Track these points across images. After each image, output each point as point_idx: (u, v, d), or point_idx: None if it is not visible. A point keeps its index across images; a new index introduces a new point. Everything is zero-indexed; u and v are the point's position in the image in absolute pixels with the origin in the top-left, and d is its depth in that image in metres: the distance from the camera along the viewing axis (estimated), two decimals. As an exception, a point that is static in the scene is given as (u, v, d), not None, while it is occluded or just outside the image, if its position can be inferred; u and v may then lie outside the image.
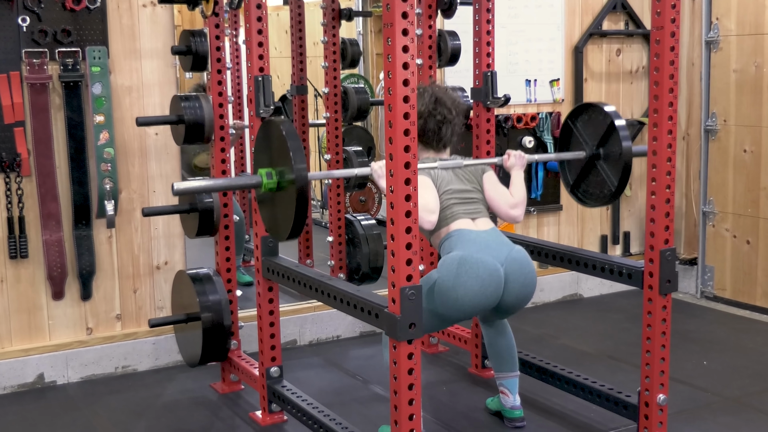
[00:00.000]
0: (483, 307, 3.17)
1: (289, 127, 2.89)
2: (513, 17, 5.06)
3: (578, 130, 3.62)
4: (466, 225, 3.25)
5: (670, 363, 4.14)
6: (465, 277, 3.08)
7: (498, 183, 3.44)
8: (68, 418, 3.69)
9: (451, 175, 3.33)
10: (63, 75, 3.92)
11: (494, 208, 3.39)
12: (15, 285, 3.99)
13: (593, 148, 3.55)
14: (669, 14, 3.00)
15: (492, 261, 3.13)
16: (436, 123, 3.34)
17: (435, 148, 3.39)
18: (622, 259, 3.38)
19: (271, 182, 2.94)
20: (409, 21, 2.54)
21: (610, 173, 3.49)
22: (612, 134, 3.46)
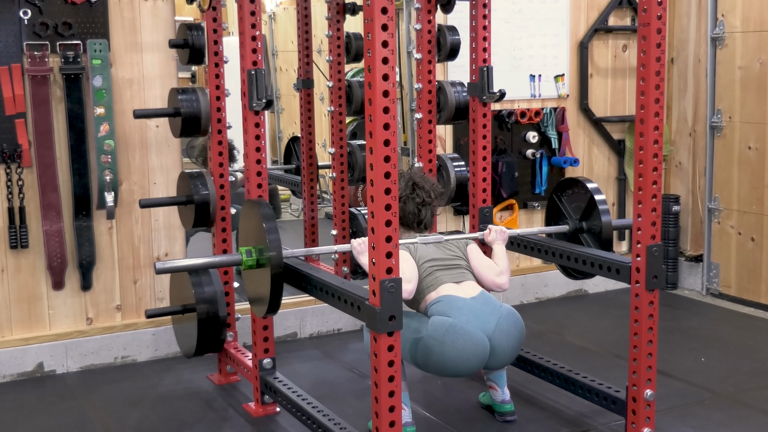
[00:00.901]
0: (464, 373, 3.29)
1: (266, 210, 3.11)
2: (517, 12, 5.05)
3: (563, 204, 3.76)
4: (453, 290, 3.28)
5: (667, 359, 4.17)
6: (450, 347, 3.15)
7: (482, 254, 3.51)
8: (64, 407, 3.74)
9: (432, 249, 3.39)
10: (64, 67, 3.96)
11: (480, 278, 3.44)
12: (15, 275, 4.04)
13: (576, 221, 3.68)
14: (655, 11, 3.00)
15: (479, 335, 3.18)
16: (415, 205, 3.43)
17: (416, 230, 3.47)
18: (610, 255, 3.38)
19: (251, 260, 3.15)
20: (388, 16, 2.56)
21: (592, 246, 3.60)
22: (593, 209, 3.59)
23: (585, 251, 3.45)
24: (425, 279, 3.29)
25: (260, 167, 3.54)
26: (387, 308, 2.65)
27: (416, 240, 3.39)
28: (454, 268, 3.36)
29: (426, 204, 3.47)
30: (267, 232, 3.05)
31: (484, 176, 4.00)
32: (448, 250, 3.42)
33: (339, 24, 5.04)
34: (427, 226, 3.50)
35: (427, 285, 3.29)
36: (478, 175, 3.98)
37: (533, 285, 5.28)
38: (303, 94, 5.35)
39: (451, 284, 3.30)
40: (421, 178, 3.53)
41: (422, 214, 3.46)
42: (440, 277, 3.31)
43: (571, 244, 3.61)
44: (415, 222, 3.46)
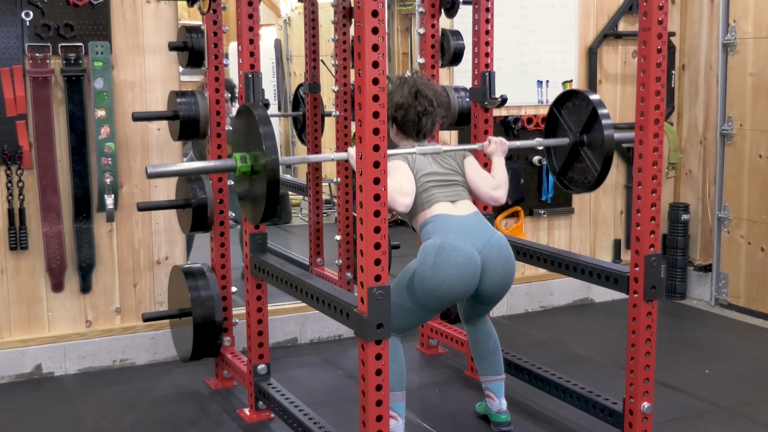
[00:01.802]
0: (461, 294, 3.16)
1: (261, 113, 2.92)
2: (524, 17, 5.01)
3: (563, 117, 3.61)
4: (446, 209, 3.22)
5: (671, 370, 4.11)
6: (443, 266, 3.08)
7: (479, 167, 3.41)
8: (59, 409, 3.73)
9: (430, 161, 3.29)
10: (65, 69, 3.96)
11: (476, 191, 3.35)
12: (15, 276, 4.04)
13: (577, 135, 3.53)
14: (656, 15, 2.95)
15: (469, 248, 3.11)
16: (416, 114, 3.32)
17: (415, 138, 3.36)
18: (609, 264, 3.32)
19: (245, 166, 2.96)
20: (379, 19, 2.52)
21: (593, 160, 3.47)
22: (595, 122, 3.44)
23: (583, 260, 3.40)
24: (421, 195, 3.22)
25: (257, 171, 3.52)
26: (375, 316, 2.61)
27: (414, 150, 3.28)
28: (450, 185, 3.27)
29: (427, 113, 3.34)
30: (264, 137, 2.84)
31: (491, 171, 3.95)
32: (446, 164, 3.31)
33: (345, 28, 5.02)
34: (426, 135, 3.38)
35: (422, 202, 3.22)
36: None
37: (538, 293, 5.23)
38: (309, 98, 5.33)
39: (446, 203, 3.23)
40: (425, 85, 3.38)
41: (422, 123, 3.34)
42: (436, 194, 3.23)
43: (571, 254, 3.56)
44: (415, 131, 3.35)
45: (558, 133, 3.65)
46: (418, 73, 3.55)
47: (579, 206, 5.30)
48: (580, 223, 5.34)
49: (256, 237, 3.52)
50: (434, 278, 3.08)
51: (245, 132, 3.00)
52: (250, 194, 3.05)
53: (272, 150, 2.84)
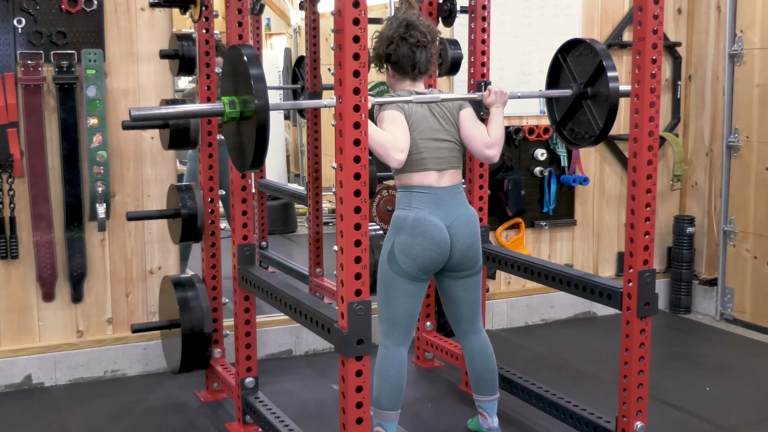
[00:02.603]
0: (438, 259, 3.16)
1: (251, 53, 2.75)
2: (527, 27, 4.94)
3: (568, 66, 3.49)
4: (431, 180, 3.17)
5: (670, 387, 4.03)
6: (420, 235, 3.11)
7: (475, 120, 3.29)
8: (45, 421, 3.69)
9: (427, 112, 3.18)
10: (57, 77, 3.92)
11: (469, 146, 3.26)
12: (5, 285, 4.00)
13: (581, 86, 3.42)
14: (651, 25, 2.87)
15: (438, 222, 3.13)
16: (409, 47, 3.17)
17: (410, 76, 3.22)
18: (603, 279, 3.25)
19: (234, 111, 2.79)
20: (360, 28, 2.47)
21: (596, 114, 3.36)
22: (600, 74, 3.31)
23: (576, 275, 3.32)
24: (412, 156, 3.13)
25: (244, 182, 3.47)
26: (355, 331, 2.55)
27: (411, 98, 3.15)
28: (441, 148, 3.18)
29: (421, 45, 3.18)
30: (253, 79, 2.67)
31: (480, 194, 3.89)
32: (442, 118, 3.20)
33: (345, 36, 4.96)
34: (422, 71, 3.23)
35: (412, 163, 3.14)
36: (475, 194, 3.87)
37: (539, 306, 5.14)
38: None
39: (433, 173, 3.16)
40: (416, 18, 3.24)
41: (417, 57, 3.18)
42: (427, 160, 3.15)
43: (564, 267, 3.49)
44: (410, 66, 3.19)
45: (561, 83, 3.53)
46: (408, 10, 3.41)
47: (582, 218, 5.22)
48: (583, 236, 5.26)
49: (244, 248, 3.47)
50: (414, 245, 3.11)
51: (234, 75, 2.83)
52: (238, 141, 2.89)
53: (262, 92, 2.67)
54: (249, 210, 3.51)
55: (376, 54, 3.25)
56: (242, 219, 3.47)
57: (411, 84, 3.24)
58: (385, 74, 3.33)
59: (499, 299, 5.03)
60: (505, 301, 5.06)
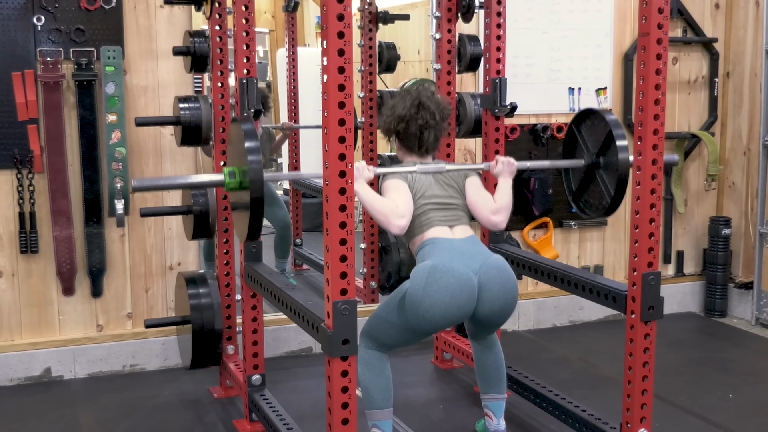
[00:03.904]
0: (456, 318, 2.99)
1: (248, 128, 2.83)
2: (555, 23, 4.84)
3: (581, 136, 3.42)
4: (442, 233, 3.09)
5: (691, 393, 3.92)
6: (434, 287, 2.91)
7: (481, 188, 3.26)
8: (58, 414, 3.73)
9: (431, 180, 3.18)
10: (76, 74, 3.97)
11: (475, 213, 3.21)
12: (26, 279, 4.06)
13: (593, 156, 3.34)
14: (656, 20, 2.79)
15: (464, 269, 2.95)
16: (417, 127, 3.20)
17: (417, 153, 3.25)
18: (607, 281, 3.15)
19: (233, 181, 2.88)
20: (345, 23, 2.43)
21: (608, 184, 3.27)
22: (610, 144, 3.24)
23: (581, 275, 3.24)
24: (419, 218, 3.11)
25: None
26: (340, 331, 2.52)
27: (415, 168, 3.16)
28: (448, 209, 3.14)
29: (429, 126, 3.21)
30: (248, 151, 2.77)
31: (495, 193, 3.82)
32: (447, 185, 3.19)
33: (371, 33, 4.96)
34: (429, 150, 3.25)
35: (419, 224, 3.11)
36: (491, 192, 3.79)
37: (567, 307, 5.05)
38: (339, 103, 5.26)
39: (443, 227, 3.11)
40: (428, 98, 3.25)
41: (424, 137, 3.21)
42: (433, 218, 3.11)
43: (570, 268, 3.41)
44: (416, 145, 3.22)
45: (576, 154, 3.48)
46: (423, 86, 3.45)
47: (613, 218, 5.10)
48: (614, 236, 5.14)
49: (250, 246, 3.46)
50: (425, 300, 2.92)
51: (235, 145, 2.93)
52: (239, 209, 2.98)
53: (256, 167, 2.75)
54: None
55: (386, 128, 3.30)
56: (249, 216, 3.46)
57: (418, 158, 3.26)
58: (394, 145, 3.35)
59: (525, 300, 4.95)
60: (532, 302, 4.98)
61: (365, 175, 3.04)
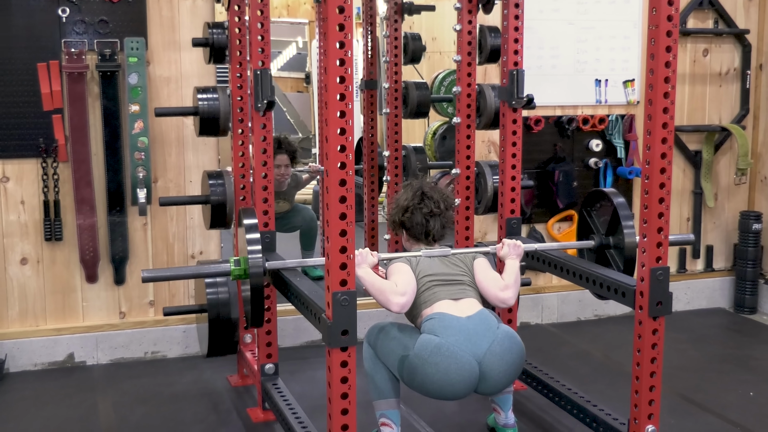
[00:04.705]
0: (450, 397, 2.98)
1: (250, 223, 3.07)
2: (582, 13, 4.79)
3: (592, 218, 3.50)
4: (448, 308, 3.03)
5: (710, 390, 3.87)
6: (434, 369, 2.89)
7: (489, 268, 3.22)
8: (77, 399, 3.80)
9: (437, 262, 3.17)
10: (100, 65, 4.03)
11: (484, 293, 3.17)
12: (50, 266, 4.14)
13: (603, 236, 3.40)
14: (665, 11, 2.75)
15: (468, 358, 2.90)
16: (422, 216, 3.23)
17: (425, 242, 3.26)
18: (617, 275, 3.11)
19: (239, 269, 3.07)
20: (345, 15, 2.43)
21: (620, 264, 3.29)
22: (618, 225, 3.30)
23: (590, 269, 3.21)
24: (423, 294, 3.08)
25: (266, 169, 3.49)
26: (339, 322, 2.53)
27: (420, 253, 3.19)
28: (454, 284, 3.12)
29: (434, 215, 3.25)
30: (248, 243, 3.01)
31: (512, 186, 3.79)
32: (453, 265, 3.18)
33: (397, 24, 4.95)
34: (436, 238, 3.28)
35: (423, 300, 3.08)
36: (507, 185, 3.78)
37: (593, 301, 5.00)
38: (366, 95, 5.28)
39: (448, 301, 3.07)
40: (431, 189, 3.32)
41: (430, 225, 3.25)
42: (438, 292, 3.09)
43: (580, 260, 3.38)
44: (423, 233, 3.25)
45: (590, 236, 3.53)
46: (423, 178, 3.49)
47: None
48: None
49: (264, 235, 3.48)
50: (424, 376, 2.91)
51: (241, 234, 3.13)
52: (245, 296, 3.14)
53: (255, 258, 2.98)
54: (270, 198, 3.52)
55: (392, 220, 3.34)
56: (263, 206, 3.49)
57: (426, 247, 3.26)
58: (402, 238, 3.37)
59: (549, 293, 4.92)
60: (555, 295, 4.94)
61: (369, 260, 3.03)
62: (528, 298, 4.84)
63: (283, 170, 5.41)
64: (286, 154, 5.46)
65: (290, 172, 5.56)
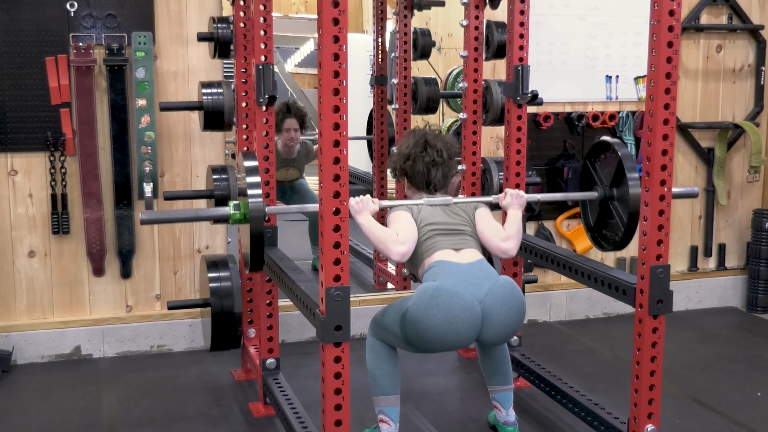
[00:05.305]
0: (454, 344, 2.98)
1: (251, 164, 3.01)
2: (593, 9, 4.75)
3: (595, 170, 3.39)
4: (448, 256, 3.04)
5: (717, 390, 3.84)
6: (435, 311, 2.88)
7: (491, 218, 3.22)
8: (82, 391, 3.82)
9: (438, 211, 3.15)
10: (108, 59, 4.04)
11: (485, 242, 3.16)
12: (58, 259, 4.16)
13: (606, 188, 3.30)
14: (667, 6, 2.73)
15: (468, 297, 2.91)
16: (424, 165, 3.21)
17: (426, 191, 3.24)
18: (618, 273, 3.08)
19: (238, 214, 3.04)
20: (340, 9, 2.42)
21: (623, 216, 3.22)
22: (623, 176, 3.19)
23: (590, 266, 3.18)
24: (424, 243, 3.07)
25: (268, 164, 3.49)
26: (333, 317, 2.53)
27: (422, 201, 3.15)
28: (455, 234, 3.11)
29: (436, 164, 3.20)
30: (248, 187, 2.93)
31: (517, 182, 3.77)
32: (455, 215, 3.16)
33: (406, 20, 4.94)
34: (437, 187, 3.24)
35: (425, 249, 3.07)
36: (511, 181, 3.75)
37: (602, 299, 4.96)
38: (376, 90, 5.27)
39: (449, 251, 3.06)
40: (434, 137, 3.26)
41: (432, 175, 3.20)
42: (439, 242, 3.07)
43: (581, 258, 3.35)
44: (424, 183, 3.22)
45: (593, 187, 3.42)
46: (429, 126, 3.45)
47: (651, 209, 4.99)
48: (653, 228, 5.03)
49: (266, 230, 3.48)
50: (425, 323, 2.89)
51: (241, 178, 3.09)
52: (245, 241, 3.11)
53: (256, 201, 2.93)
54: (272, 193, 3.52)
55: (394, 167, 3.31)
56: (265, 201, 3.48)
57: (427, 196, 3.23)
58: (403, 184, 3.34)
59: (557, 290, 4.89)
60: (564, 292, 4.91)
61: (370, 207, 3.01)
62: (536, 296, 4.81)
63: (292, 134, 5.40)
64: (296, 119, 5.44)
65: (299, 137, 5.55)
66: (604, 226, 3.34)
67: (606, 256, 4.94)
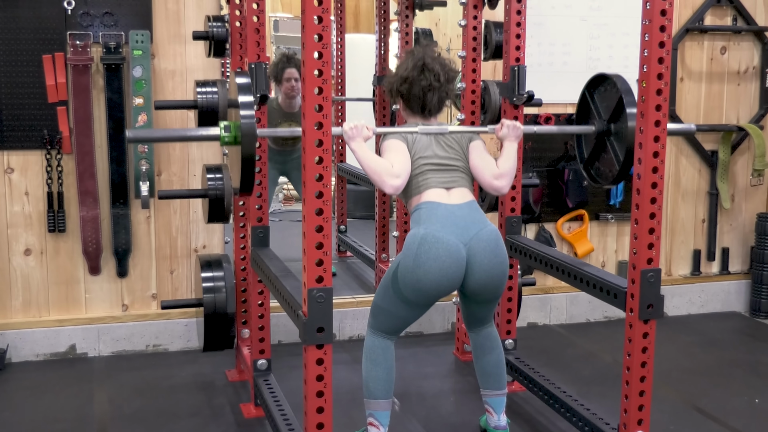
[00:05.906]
0: (447, 287, 2.97)
1: (242, 81, 2.84)
2: (595, 9, 4.71)
3: (594, 102, 3.30)
4: (438, 197, 3.02)
5: (715, 396, 3.79)
6: (424, 257, 2.91)
7: (485, 151, 3.17)
8: (74, 390, 3.81)
9: (432, 141, 3.10)
10: (105, 57, 4.03)
11: (477, 177, 3.13)
12: (54, 257, 4.16)
13: (604, 123, 3.21)
14: (659, 6, 2.68)
15: (454, 240, 2.93)
16: (421, 89, 3.12)
17: (421, 115, 3.17)
18: (610, 277, 3.04)
19: (228, 135, 2.86)
20: (323, 8, 2.40)
21: (618, 152, 3.14)
22: (622, 111, 3.10)
23: (581, 269, 3.14)
24: (416, 177, 3.05)
25: (260, 164, 3.47)
26: (315, 319, 2.51)
27: (416, 129, 3.10)
28: (448, 170, 3.08)
29: (433, 88, 3.13)
30: (241, 107, 2.80)
31: (513, 183, 3.74)
32: (449, 147, 3.11)
33: (408, 19, 4.91)
34: (432, 112, 3.18)
35: (416, 185, 3.05)
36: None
37: (602, 303, 4.86)
38: (379, 90, 5.24)
39: (440, 189, 3.04)
40: (433, 59, 3.18)
41: (427, 99, 3.13)
42: (431, 179, 3.05)
43: (574, 260, 3.31)
44: (419, 107, 3.15)
45: (589, 120, 3.35)
46: (428, 46, 3.32)
47: (653, 212, 4.94)
48: (655, 231, 4.98)
49: (257, 230, 3.47)
50: (416, 271, 2.92)
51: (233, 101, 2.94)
52: (234, 164, 2.97)
53: (248, 120, 2.76)
54: (265, 192, 3.50)
55: (390, 88, 3.25)
56: (257, 201, 3.47)
57: (422, 119, 3.19)
58: (398, 105, 3.29)
59: (558, 293, 4.85)
60: (564, 295, 4.87)
61: (364, 133, 2.96)
62: (536, 299, 4.78)
63: (293, 83, 5.33)
64: (296, 69, 5.37)
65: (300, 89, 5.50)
66: (599, 161, 3.29)
67: (608, 259, 4.90)
